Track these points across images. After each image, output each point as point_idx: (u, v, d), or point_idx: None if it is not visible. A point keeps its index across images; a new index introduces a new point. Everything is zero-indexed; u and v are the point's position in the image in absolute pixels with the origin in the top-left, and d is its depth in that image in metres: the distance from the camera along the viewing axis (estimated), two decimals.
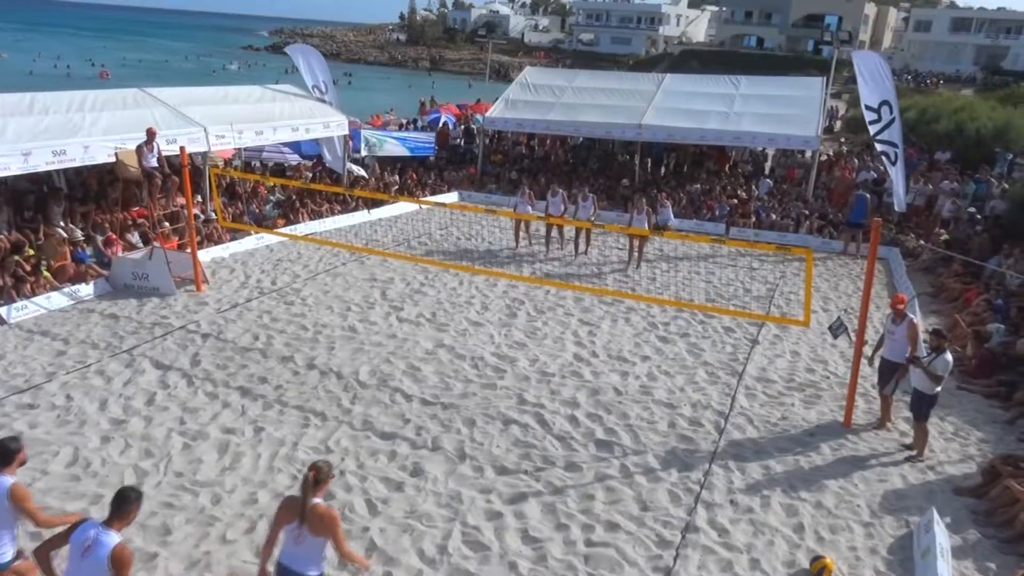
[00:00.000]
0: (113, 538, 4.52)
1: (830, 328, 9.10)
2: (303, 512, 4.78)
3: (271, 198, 16.89)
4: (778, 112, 19.99)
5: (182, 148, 11.90)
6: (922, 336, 9.09)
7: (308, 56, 19.65)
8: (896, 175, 16.68)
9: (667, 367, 10.34)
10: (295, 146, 19.95)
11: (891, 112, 16.41)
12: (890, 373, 8.64)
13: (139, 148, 12.48)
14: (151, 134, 12.54)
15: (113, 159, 13.03)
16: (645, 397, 9.40)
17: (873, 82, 16.68)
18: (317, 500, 4.84)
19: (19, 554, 5.31)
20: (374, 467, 7.60)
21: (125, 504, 4.66)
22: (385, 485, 7.30)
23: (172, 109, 14.72)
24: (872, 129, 16.74)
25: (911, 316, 8.57)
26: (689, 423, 8.79)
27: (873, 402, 9.54)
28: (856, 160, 22.25)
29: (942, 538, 6.51)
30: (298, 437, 8.04)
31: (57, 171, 13.43)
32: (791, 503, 7.32)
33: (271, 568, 5.02)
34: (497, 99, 23.43)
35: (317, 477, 4.86)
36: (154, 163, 12.59)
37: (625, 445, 8.25)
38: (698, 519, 6.98)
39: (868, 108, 16.79)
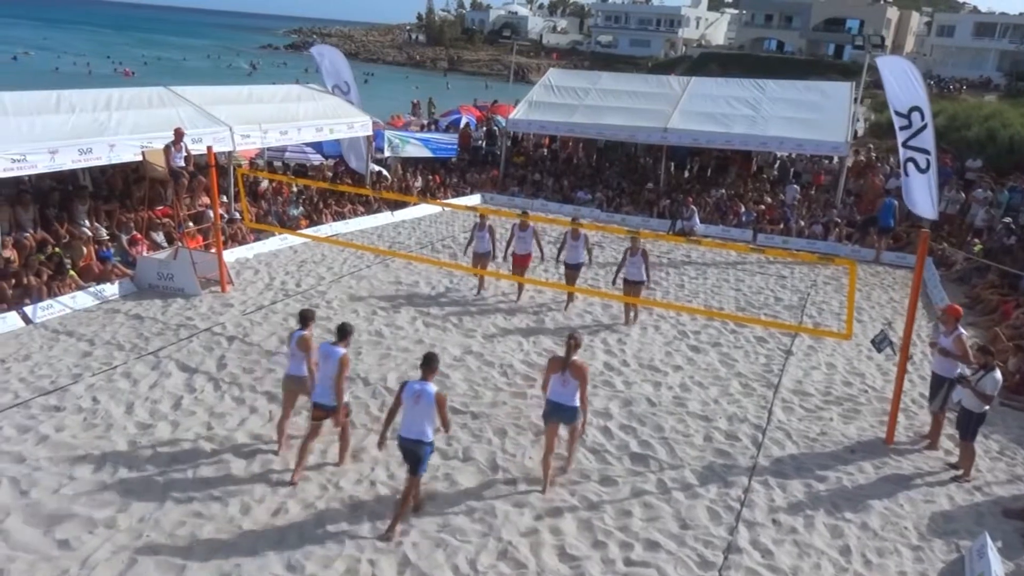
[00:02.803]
0: (432, 387, 6.47)
1: (873, 342, 8.83)
2: (566, 365, 6.95)
3: (293, 198, 16.76)
4: (806, 117, 19.68)
5: (209, 148, 11.79)
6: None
7: (331, 56, 19.61)
8: (928, 182, 16.34)
9: (700, 377, 10.11)
10: (317, 146, 19.86)
11: (923, 118, 16.08)
12: (938, 388, 8.38)
13: (167, 147, 12.38)
14: (179, 134, 12.44)
15: (139, 158, 12.94)
16: (679, 409, 9.18)
17: (901, 88, 16.37)
18: (575, 357, 6.96)
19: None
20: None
21: (435, 363, 6.64)
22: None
23: (198, 108, 14.63)
24: (901, 136, 16.43)
25: (961, 331, 8.29)
26: (726, 437, 8.57)
27: (914, 418, 9.29)
28: (887, 166, 21.86)
29: (996, 565, 6.26)
30: (326, 444, 7.85)
31: (82, 169, 13.35)
32: (836, 524, 7.08)
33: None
34: (518, 101, 23.25)
35: (578, 343, 7.11)
36: (181, 163, 12.49)
37: (661, 459, 8.03)
38: (740, 539, 6.76)
39: (898, 114, 16.48)
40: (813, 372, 10.52)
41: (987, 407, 7.88)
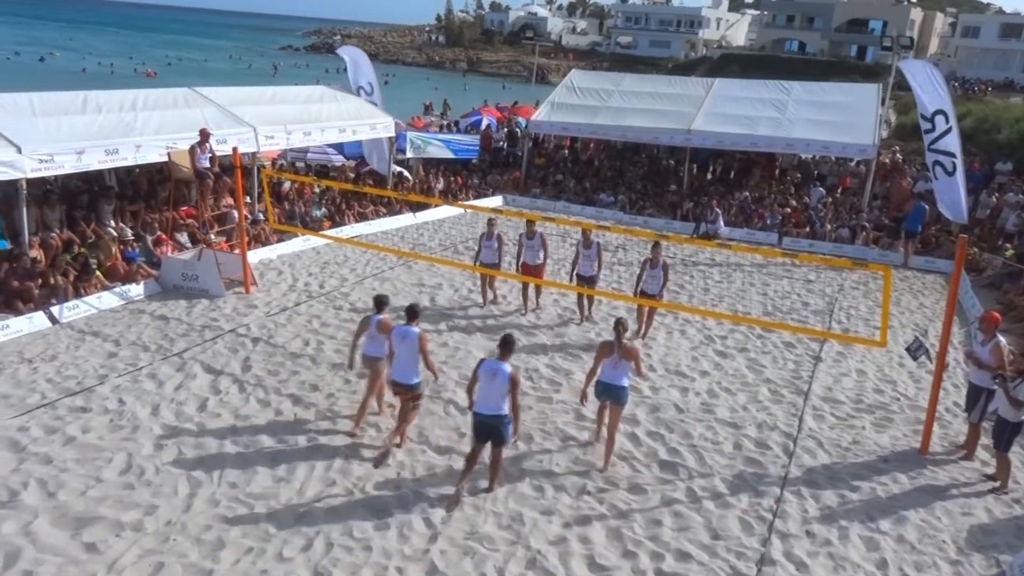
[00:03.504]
0: (507, 367, 6.87)
1: (908, 349, 8.64)
2: (618, 347, 7.51)
3: (316, 199, 16.76)
4: (833, 119, 19.44)
5: (234, 149, 11.80)
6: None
7: (356, 58, 19.75)
8: (956, 185, 16.08)
9: (728, 383, 9.96)
10: (338, 147, 19.88)
11: (947, 121, 15.86)
12: (976, 398, 8.18)
13: (192, 148, 12.40)
14: (204, 135, 12.46)
15: (165, 159, 12.98)
16: (707, 415, 9.04)
17: (925, 91, 16.16)
18: (625, 339, 7.58)
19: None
20: (430, 483, 7.34)
21: (512, 344, 7.06)
22: (443, 503, 7.02)
23: (222, 109, 14.66)
24: (927, 139, 16.22)
25: (999, 338, 8.09)
26: (756, 445, 8.42)
27: (948, 427, 9.10)
28: (913, 169, 21.56)
29: None
30: (352, 449, 7.81)
31: (108, 170, 13.40)
32: (871, 536, 6.91)
33: (591, 390, 7.79)
34: (539, 102, 23.14)
35: (626, 327, 7.67)
36: (206, 164, 12.51)
37: (690, 467, 7.90)
38: (774, 551, 6.61)
39: (923, 118, 16.28)
40: (843, 379, 10.33)
41: None
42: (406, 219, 17.50)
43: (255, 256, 13.48)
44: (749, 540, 6.75)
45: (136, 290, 11.66)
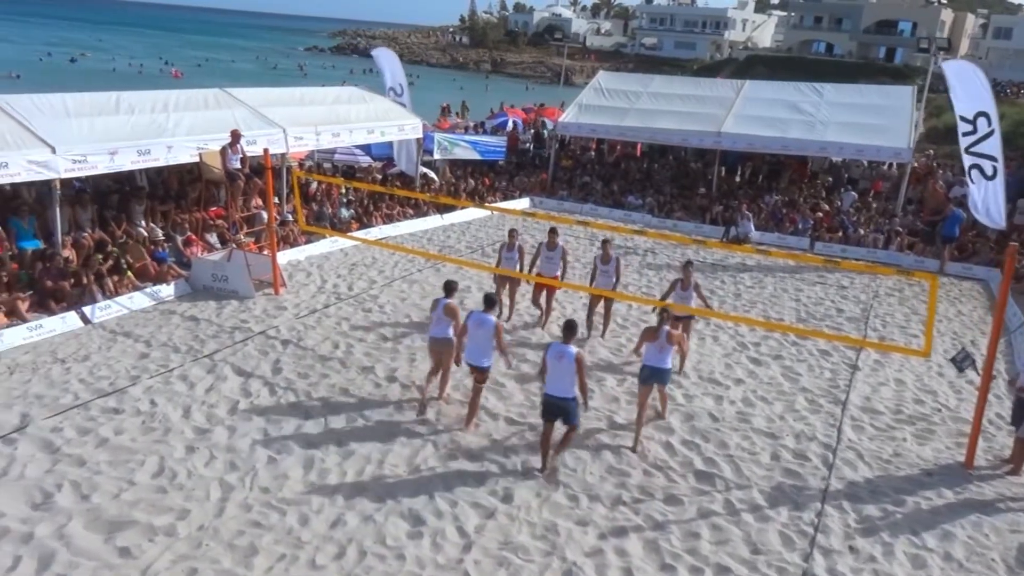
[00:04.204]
0: (573, 349, 7.32)
1: (953, 360, 8.42)
2: (665, 334, 8.14)
3: (343, 201, 16.75)
4: (867, 121, 19.13)
5: (265, 151, 11.79)
6: None
7: (389, 59, 20.02)
8: (995, 189, 15.70)
9: (763, 392, 9.77)
10: (365, 148, 19.88)
11: (989, 124, 15.49)
12: (1022, 410, 7.94)
13: (223, 149, 12.41)
14: (236, 136, 12.46)
15: (195, 159, 13.01)
16: (743, 425, 8.86)
17: (967, 93, 15.80)
18: (666, 327, 8.19)
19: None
20: (463, 491, 7.24)
21: (576, 328, 7.63)
22: (476, 512, 6.93)
23: (252, 110, 14.69)
24: (965, 141, 15.85)
25: None
26: (794, 456, 8.23)
27: (991, 440, 8.85)
28: (948, 173, 21.15)
29: None
30: (383, 455, 7.73)
31: (139, 170, 13.46)
32: (917, 553, 6.71)
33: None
34: (564, 103, 23.00)
35: (670, 314, 8.50)
36: (237, 164, 12.51)
37: (727, 478, 7.73)
38: (816, 567, 6.44)
39: (963, 119, 15.89)
40: (882, 388, 10.10)
41: None
42: (433, 221, 17.44)
43: (284, 257, 13.46)
44: (791, 555, 6.57)
45: (166, 290, 11.68)
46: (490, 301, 8.39)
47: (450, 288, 8.81)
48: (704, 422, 8.86)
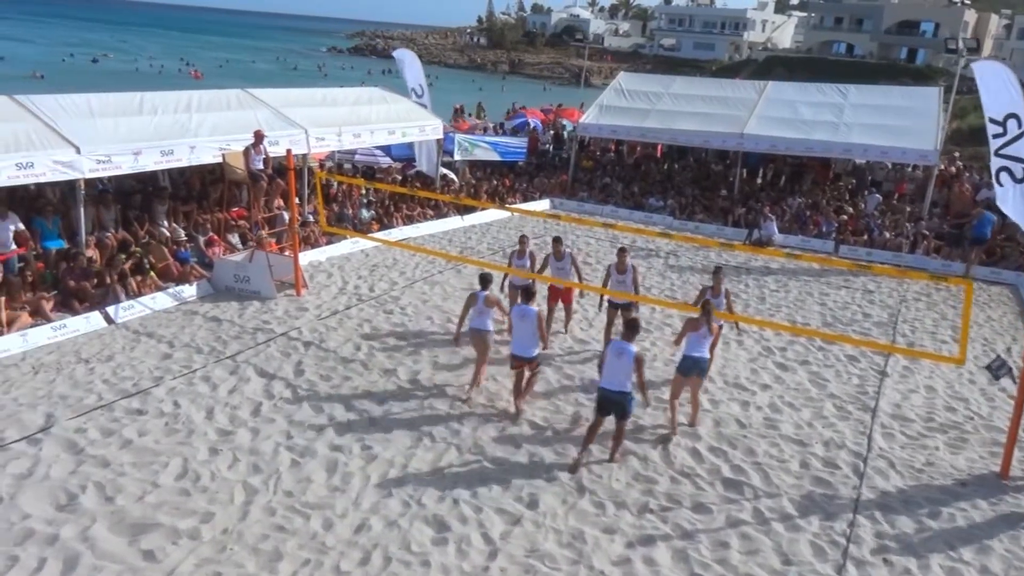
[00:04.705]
0: (633, 348, 7.58)
1: (989, 368, 8.22)
2: (707, 323, 8.35)
3: (364, 202, 16.72)
4: (892, 123, 18.85)
5: (288, 151, 11.76)
6: None
7: (410, 60, 20.25)
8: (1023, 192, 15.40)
9: (790, 398, 9.61)
10: (385, 149, 19.88)
11: (1019, 126, 15.14)
12: None
13: (246, 150, 12.41)
14: (259, 136, 12.45)
15: (218, 159, 13.01)
16: (771, 431, 8.71)
17: (997, 94, 15.51)
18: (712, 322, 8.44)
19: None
20: (488, 496, 7.15)
21: (638, 327, 8.00)
22: (501, 518, 6.84)
23: (274, 111, 14.69)
24: (995, 144, 15.54)
25: None
26: (824, 464, 8.07)
27: None
28: (975, 175, 20.82)
29: None
30: (407, 459, 7.66)
31: (162, 170, 13.49)
32: (953, 566, 6.54)
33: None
34: (583, 105, 22.86)
35: (710, 308, 8.51)
36: (260, 165, 12.50)
37: (756, 486, 7.59)
38: None
39: (992, 121, 15.57)
40: (912, 395, 9.91)
41: None
42: (453, 222, 17.38)
43: (304, 258, 13.42)
44: (823, 567, 6.43)
45: (189, 291, 11.69)
46: (529, 294, 8.80)
47: (486, 280, 9.03)
48: (731, 428, 8.72)
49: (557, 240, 10.67)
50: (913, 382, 10.33)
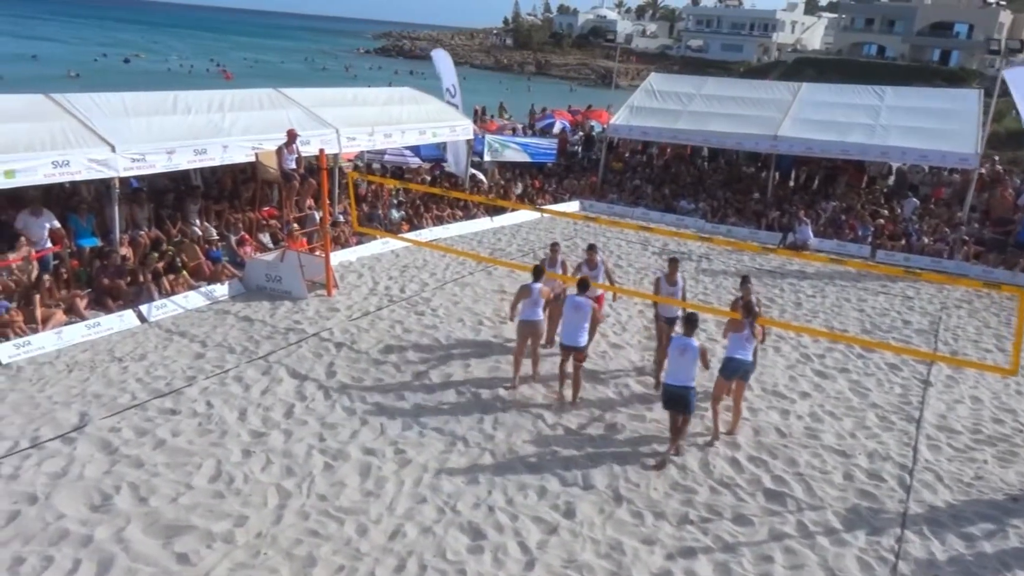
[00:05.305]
0: (696, 342, 7.81)
1: None
2: (750, 324, 8.24)
3: (394, 202, 16.66)
4: (931, 126, 18.45)
5: (321, 151, 11.71)
6: None
7: (445, 61, 20.63)
8: None
9: (831, 407, 9.36)
10: (415, 149, 19.82)
11: None
12: None
13: (279, 149, 12.38)
14: (292, 136, 12.42)
15: (250, 159, 13.00)
16: (812, 441, 8.48)
17: None
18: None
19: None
20: (524, 504, 7.01)
21: (696, 321, 8.05)
22: (538, 527, 6.70)
23: (306, 110, 14.67)
24: None
25: None
26: (868, 476, 7.84)
27: None
28: (1016, 179, 20.33)
29: None
30: (441, 463, 7.55)
31: (194, 169, 13.52)
32: None
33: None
34: (610, 106, 22.64)
35: (752, 310, 8.46)
36: (293, 165, 12.47)
37: (798, 498, 7.38)
38: None
39: None
40: (957, 406, 9.62)
41: None
42: (483, 223, 17.26)
43: (335, 258, 13.36)
44: None
45: (221, 290, 11.68)
46: (584, 284, 8.89)
47: (539, 272, 9.28)
48: (771, 437, 8.51)
49: (592, 248, 10.26)
50: (958, 392, 10.04)
